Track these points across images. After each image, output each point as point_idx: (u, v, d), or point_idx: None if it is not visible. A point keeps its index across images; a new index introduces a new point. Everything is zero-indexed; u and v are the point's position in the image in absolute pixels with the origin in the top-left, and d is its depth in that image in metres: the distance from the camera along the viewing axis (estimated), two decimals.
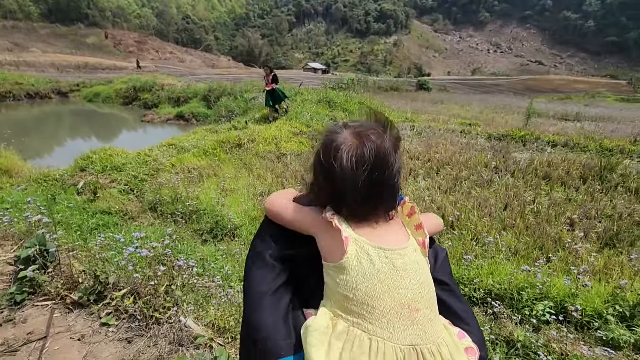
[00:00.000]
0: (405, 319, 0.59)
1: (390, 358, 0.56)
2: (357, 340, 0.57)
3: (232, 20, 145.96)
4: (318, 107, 11.94)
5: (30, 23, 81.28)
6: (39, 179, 6.80)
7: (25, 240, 3.36)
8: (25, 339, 2.10)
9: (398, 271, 0.62)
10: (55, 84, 25.47)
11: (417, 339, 0.58)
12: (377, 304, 0.59)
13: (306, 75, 51.82)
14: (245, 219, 5.31)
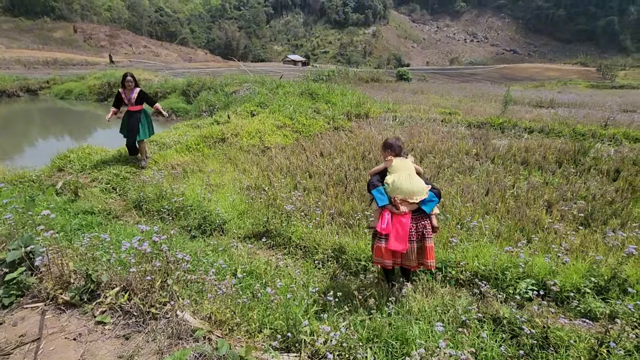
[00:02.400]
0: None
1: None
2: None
3: (207, 13, 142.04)
4: (300, 99, 11.88)
5: None
6: (13, 180, 6.52)
7: (6, 243, 3.25)
8: (17, 341, 2.06)
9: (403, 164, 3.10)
10: (23, 81, 24.23)
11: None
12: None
13: (286, 68, 51.30)
14: (234, 213, 5.29)
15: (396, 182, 2.97)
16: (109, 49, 73.58)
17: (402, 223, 2.88)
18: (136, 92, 6.61)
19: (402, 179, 2.97)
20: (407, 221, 2.89)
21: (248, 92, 13.42)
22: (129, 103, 6.58)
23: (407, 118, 11.26)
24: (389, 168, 3.14)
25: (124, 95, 6.56)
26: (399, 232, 2.86)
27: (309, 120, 10.16)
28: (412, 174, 3.06)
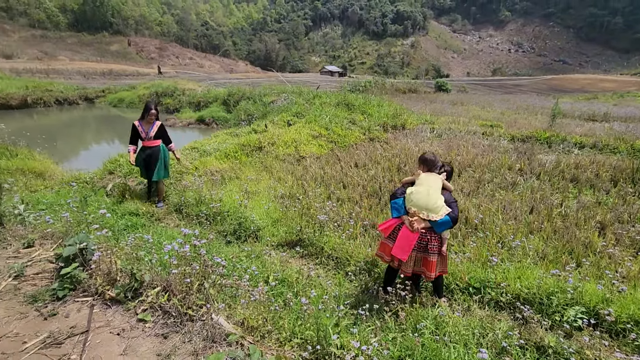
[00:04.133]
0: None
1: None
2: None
3: (249, 26, 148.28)
4: (337, 110, 11.98)
5: (58, 32, 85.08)
6: (70, 181, 7.10)
7: (63, 239, 3.53)
8: (68, 332, 2.22)
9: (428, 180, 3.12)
10: (82, 90, 26.53)
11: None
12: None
13: (323, 79, 52.09)
14: (268, 221, 5.39)
15: (413, 194, 3.04)
16: (158, 60, 78.75)
17: (409, 237, 2.98)
18: (156, 125, 5.65)
19: (420, 193, 3.02)
20: (414, 237, 2.98)
21: (285, 102, 13.75)
22: (146, 137, 5.57)
23: (446, 130, 10.96)
24: (416, 180, 3.21)
25: (141, 128, 5.56)
26: (403, 242, 2.98)
27: (344, 130, 10.21)
28: (433, 190, 3.04)
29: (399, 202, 3.12)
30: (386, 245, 3.16)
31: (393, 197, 3.22)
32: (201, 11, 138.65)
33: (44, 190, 6.57)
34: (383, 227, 3.20)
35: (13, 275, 2.79)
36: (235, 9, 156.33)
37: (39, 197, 5.76)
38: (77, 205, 4.70)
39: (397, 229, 3.09)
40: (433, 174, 3.20)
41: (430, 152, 3.33)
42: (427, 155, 3.28)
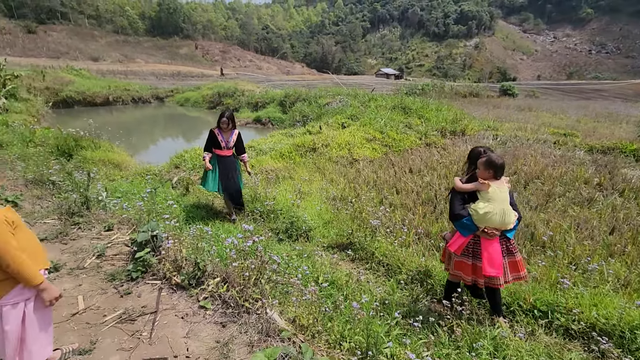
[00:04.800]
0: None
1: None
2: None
3: (307, 29, 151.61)
4: (392, 113, 11.76)
5: (137, 37, 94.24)
6: (142, 173, 7.80)
7: (136, 226, 3.89)
8: (140, 311, 2.44)
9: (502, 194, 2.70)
10: (154, 90, 29.15)
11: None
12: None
13: (378, 81, 51.45)
14: (319, 222, 5.45)
15: (489, 215, 2.66)
16: (221, 62, 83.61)
17: (494, 247, 2.73)
18: (235, 134, 5.20)
19: (496, 215, 2.67)
20: (497, 245, 2.75)
21: (340, 104, 13.81)
22: (225, 147, 5.11)
23: (511, 137, 10.21)
24: (482, 192, 2.74)
25: (221, 136, 5.08)
26: (492, 256, 2.72)
27: (399, 134, 9.98)
28: (507, 206, 2.72)
29: (469, 222, 2.74)
30: (463, 264, 2.85)
31: (457, 217, 2.78)
32: (263, 15, 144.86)
33: (120, 179, 7.29)
34: (455, 247, 2.83)
35: (96, 255, 3.14)
36: (295, 12, 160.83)
37: (116, 186, 6.39)
38: (148, 196, 5.16)
39: (470, 245, 2.82)
40: (502, 184, 2.76)
41: (495, 154, 2.78)
42: (494, 158, 2.68)
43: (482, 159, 2.73)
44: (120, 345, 2.13)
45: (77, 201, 4.14)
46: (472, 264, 2.80)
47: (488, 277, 2.75)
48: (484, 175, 2.73)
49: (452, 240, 2.89)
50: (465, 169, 3.07)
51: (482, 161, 2.73)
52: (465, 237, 2.78)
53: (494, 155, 2.73)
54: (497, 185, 2.71)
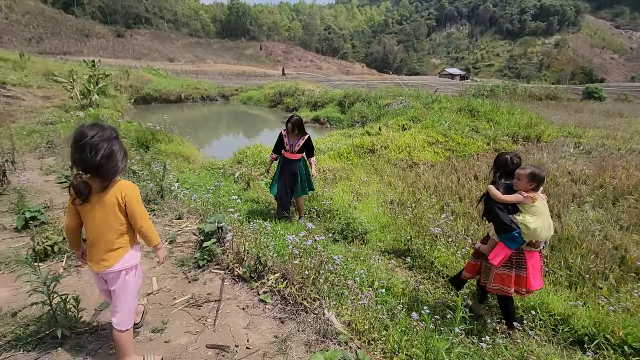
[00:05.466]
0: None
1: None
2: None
3: (370, 28, 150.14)
4: (458, 115, 11.13)
5: (208, 39, 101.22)
6: (207, 166, 8.32)
7: (203, 216, 4.14)
8: (205, 297, 2.57)
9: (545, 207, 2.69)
10: (221, 89, 31.06)
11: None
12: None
13: (442, 82, 49.20)
14: (376, 225, 5.33)
15: (538, 230, 2.58)
16: (283, 62, 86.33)
17: (537, 258, 2.78)
18: (303, 139, 4.98)
19: (545, 229, 2.62)
20: (538, 255, 2.80)
21: (401, 105, 13.43)
22: (290, 150, 4.98)
23: (597, 147, 9.07)
24: (526, 206, 2.63)
25: (287, 139, 5.02)
26: (535, 268, 2.75)
27: (464, 139, 9.41)
28: (550, 219, 2.71)
29: (519, 236, 2.62)
30: (505, 276, 2.78)
31: (505, 229, 2.64)
32: (326, 16, 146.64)
33: (188, 172, 7.86)
34: (498, 260, 2.72)
35: (169, 240, 3.38)
36: (358, 12, 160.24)
37: (185, 178, 6.88)
38: (215, 189, 5.47)
39: (514, 256, 2.76)
40: (541, 196, 2.69)
41: (536, 166, 2.65)
42: (538, 171, 2.59)
43: (526, 171, 2.61)
44: (187, 329, 2.26)
45: (153, 190, 4.52)
46: (515, 275, 2.76)
47: (524, 286, 2.76)
48: (525, 187, 2.63)
49: (494, 252, 2.76)
50: (491, 175, 2.98)
51: (525, 173, 2.61)
52: (511, 249, 2.70)
53: (536, 168, 2.63)
54: (542, 201, 2.66)
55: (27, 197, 4.58)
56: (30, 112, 15.07)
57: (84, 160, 1.67)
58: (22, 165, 6.55)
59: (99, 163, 1.67)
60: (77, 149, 1.67)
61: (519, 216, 2.63)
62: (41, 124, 11.64)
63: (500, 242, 2.72)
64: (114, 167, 1.73)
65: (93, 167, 1.68)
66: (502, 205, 2.68)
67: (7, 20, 66.13)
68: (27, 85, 19.80)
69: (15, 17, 67.85)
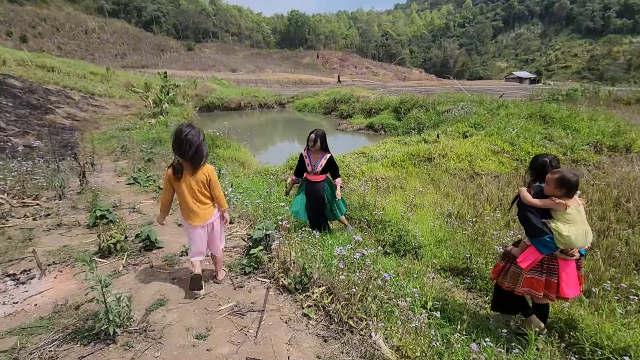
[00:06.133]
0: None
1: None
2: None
3: (429, 33, 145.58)
4: (528, 122, 10.14)
5: (268, 50, 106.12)
6: (261, 172, 8.52)
7: (253, 222, 4.17)
8: (249, 307, 2.52)
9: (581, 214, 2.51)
10: (277, 97, 32.15)
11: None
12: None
13: (508, 86, 45.79)
14: (431, 239, 4.96)
15: (572, 238, 2.43)
16: (339, 70, 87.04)
17: (571, 266, 2.59)
18: (325, 158, 4.45)
19: (580, 237, 2.45)
20: (573, 263, 2.60)
21: (462, 111, 12.64)
22: (312, 171, 4.48)
23: None
24: (558, 213, 2.49)
25: (308, 160, 4.50)
26: (569, 276, 2.58)
27: (535, 148, 8.51)
28: (588, 226, 2.52)
29: (551, 241, 2.49)
30: (535, 280, 2.64)
31: (536, 234, 2.51)
32: (384, 22, 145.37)
33: (243, 176, 8.11)
34: (526, 264, 2.59)
35: None
36: (417, 17, 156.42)
37: (239, 182, 7.09)
38: (265, 196, 5.53)
39: (545, 261, 2.60)
40: (576, 202, 2.51)
41: (569, 170, 2.48)
42: (569, 176, 2.41)
43: (554, 176, 2.47)
44: (229, 338, 2.22)
45: None
46: (545, 280, 2.61)
47: (556, 291, 2.60)
48: (555, 193, 2.48)
49: (523, 256, 2.63)
50: (528, 180, 2.85)
51: (553, 178, 2.47)
52: (542, 254, 2.56)
53: (567, 172, 2.45)
54: (572, 204, 2.47)
55: (100, 197, 5.03)
56: (112, 119, 16.91)
57: (181, 151, 2.47)
58: (99, 167, 7.29)
59: (192, 153, 2.47)
60: (177, 143, 2.48)
61: (552, 223, 2.50)
62: (119, 130, 12.95)
63: (531, 246, 2.60)
64: (201, 155, 2.55)
65: (188, 156, 2.48)
66: (534, 209, 2.54)
67: (99, 39, 75.79)
68: (111, 95, 22.32)
69: (105, 37, 77.49)
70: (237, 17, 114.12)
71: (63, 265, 2.99)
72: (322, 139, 4.42)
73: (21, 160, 5.90)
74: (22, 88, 16.77)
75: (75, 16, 79.44)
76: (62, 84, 20.75)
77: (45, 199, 4.90)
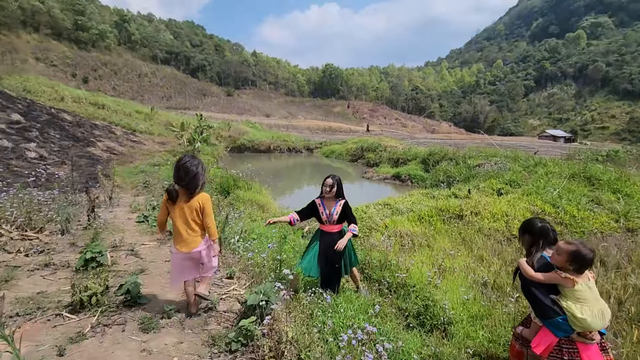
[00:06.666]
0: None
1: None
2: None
3: (459, 89, 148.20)
4: (571, 183, 9.27)
5: (301, 98, 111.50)
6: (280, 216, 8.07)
7: (256, 278, 3.65)
8: None
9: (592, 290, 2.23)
10: (306, 142, 32.74)
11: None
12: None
13: (542, 144, 44.43)
14: (464, 314, 4.18)
15: (588, 321, 2.12)
16: (368, 120, 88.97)
17: (593, 351, 2.19)
18: (340, 205, 3.94)
19: (597, 318, 2.14)
20: (596, 348, 2.20)
21: (496, 167, 11.93)
22: (327, 221, 3.94)
23: None
24: (566, 289, 2.22)
25: (322, 208, 3.96)
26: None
27: (582, 212, 7.61)
28: (604, 304, 2.22)
29: (564, 322, 2.17)
30: None
31: (546, 315, 2.22)
32: (414, 77, 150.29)
33: (260, 220, 7.69)
34: (541, 349, 2.25)
35: (207, 307, 2.92)
36: (448, 74, 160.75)
37: (254, 227, 6.64)
38: (278, 242, 5.04)
39: (563, 343, 2.23)
40: (589, 277, 2.26)
41: (585, 245, 2.19)
42: (583, 251, 2.16)
43: (569, 247, 2.20)
44: None
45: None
46: None
47: None
48: (564, 266, 2.22)
49: (536, 340, 2.32)
50: (524, 245, 2.60)
51: (568, 250, 2.20)
52: (557, 337, 2.23)
53: (583, 247, 2.19)
54: (582, 280, 2.20)
55: (103, 234, 4.75)
56: (147, 154, 17.55)
57: (178, 176, 2.69)
58: (117, 201, 7.16)
59: (187, 180, 2.66)
60: (175, 169, 2.72)
61: (563, 301, 2.22)
62: (150, 165, 13.24)
63: (544, 328, 2.29)
64: (196, 184, 2.70)
65: (183, 182, 2.67)
66: (539, 284, 2.28)
67: (149, 83, 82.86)
68: (150, 133, 23.52)
69: (155, 81, 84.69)
70: (275, 68, 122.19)
71: (25, 318, 2.57)
72: (339, 185, 3.96)
73: (40, 190, 5.85)
74: (71, 122, 17.97)
75: (132, 62, 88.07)
76: (108, 120, 22.20)
77: (47, 233, 4.67)
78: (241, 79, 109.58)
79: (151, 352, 2.30)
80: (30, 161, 10.99)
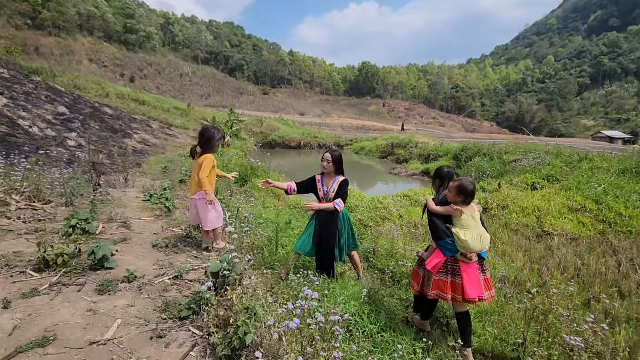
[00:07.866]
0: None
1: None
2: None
3: (504, 87, 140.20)
4: (619, 179, 8.22)
5: (336, 97, 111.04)
6: (291, 205, 7.91)
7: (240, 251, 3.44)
8: None
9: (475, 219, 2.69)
10: (337, 139, 32.43)
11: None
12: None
13: (595, 145, 40.73)
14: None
15: (468, 242, 2.61)
16: (404, 119, 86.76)
17: (472, 268, 2.72)
18: (337, 181, 3.71)
19: (475, 240, 2.63)
20: (474, 267, 2.73)
21: (534, 162, 10.93)
22: (323, 197, 3.70)
23: None
24: (455, 218, 2.71)
25: (320, 183, 3.77)
26: (471, 277, 2.69)
27: (630, 209, 6.67)
28: (482, 229, 2.71)
29: (451, 244, 2.68)
30: (442, 282, 2.77)
31: (441, 237, 2.70)
32: (454, 75, 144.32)
33: (272, 208, 7.55)
34: (431, 265, 2.75)
35: (172, 275, 2.75)
36: (491, 71, 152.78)
37: (263, 213, 6.49)
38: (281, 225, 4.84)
39: (449, 262, 2.74)
40: (472, 209, 2.70)
41: (467, 179, 2.70)
42: (466, 184, 2.65)
43: (454, 183, 2.71)
44: None
45: None
46: (450, 281, 2.74)
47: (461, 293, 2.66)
48: (454, 200, 2.70)
49: (430, 259, 2.79)
50: (434, 187, 3.09)
51: (454, 185, 2.71)
52: (446, 257, 2.73)
53: (465, 181, 2.68)
54: (468, 211, 2.69)
55: (105, 208, 4.80)
56: (178, 146, 18.15)
57: (198, 139, 3.62)
58: (132, 183, 7.34)
59: (201, 142, 3.57)
60: (199, 133, 3.62)
61: (452, 227, 2.70)
62: (178, 155, 13.63)
63: (437, 249, 2.76)
64: (209, 147, 3.57)
65: (200, 143, 3.59)
66: (440, 215, 2.75)
67: (190, 82, 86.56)
68: (185, 127, 24.38)
69: (195, 80, 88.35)
70: (310, 67, 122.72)
71: None
72: (339, 161, 3.77)
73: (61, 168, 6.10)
74: (111, 115, 19.04)
75: (175, 62, 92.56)
76: (147, 115, 23.36)
77: (53, 205, 4.80)
78: (277, 77, 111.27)
79: (96, 312, 2.16)
80: (68, 148, 11.70)
